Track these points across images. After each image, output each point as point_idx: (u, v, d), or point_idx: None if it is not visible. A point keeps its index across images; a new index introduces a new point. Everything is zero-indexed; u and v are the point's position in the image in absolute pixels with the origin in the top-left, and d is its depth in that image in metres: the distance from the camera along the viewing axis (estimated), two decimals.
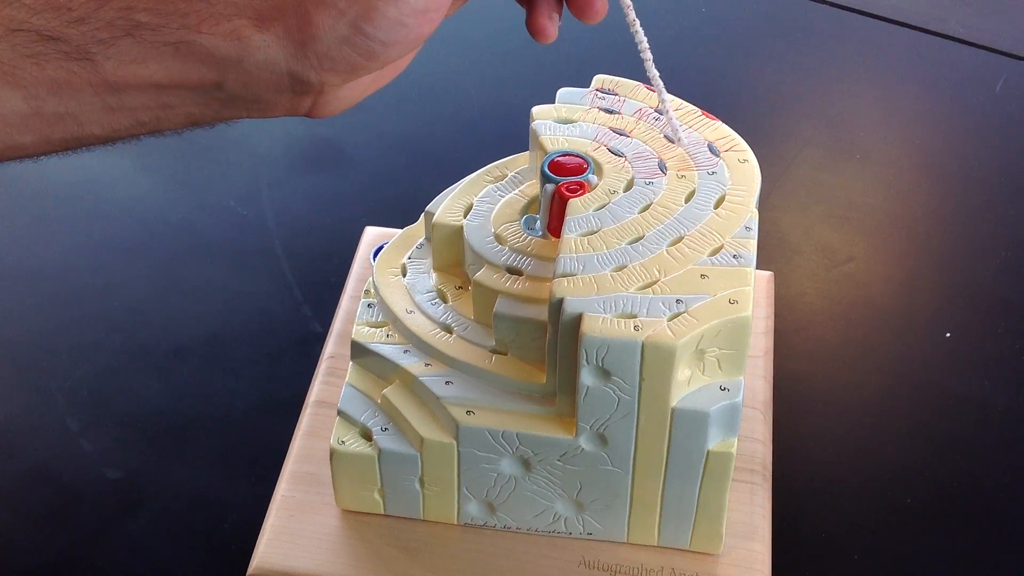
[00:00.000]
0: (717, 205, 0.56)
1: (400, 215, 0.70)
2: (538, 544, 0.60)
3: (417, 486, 0.59)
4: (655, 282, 0.53)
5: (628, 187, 0.58)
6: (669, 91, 0.62)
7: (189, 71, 0.44)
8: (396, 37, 0.45)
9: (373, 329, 0.60)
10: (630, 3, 0.53)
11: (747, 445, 0.64)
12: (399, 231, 0.64)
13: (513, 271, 0.57)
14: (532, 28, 0.51)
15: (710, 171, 0.58)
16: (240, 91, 0.45)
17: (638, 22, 0.53)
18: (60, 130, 0.45)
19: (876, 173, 0.87)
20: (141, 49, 0.44)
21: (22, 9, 0.43)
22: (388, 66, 0.47)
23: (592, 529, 0.60)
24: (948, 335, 0.76)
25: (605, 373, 0.52)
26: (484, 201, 0.60)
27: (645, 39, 0.54)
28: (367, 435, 0.58)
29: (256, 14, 0.44)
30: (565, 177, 0.57)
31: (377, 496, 0.60)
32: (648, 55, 0.55)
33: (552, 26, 0.51)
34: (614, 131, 0.60)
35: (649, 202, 0.57)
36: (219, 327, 0.76)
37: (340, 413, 0.59)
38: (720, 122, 0.60)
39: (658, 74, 0.55)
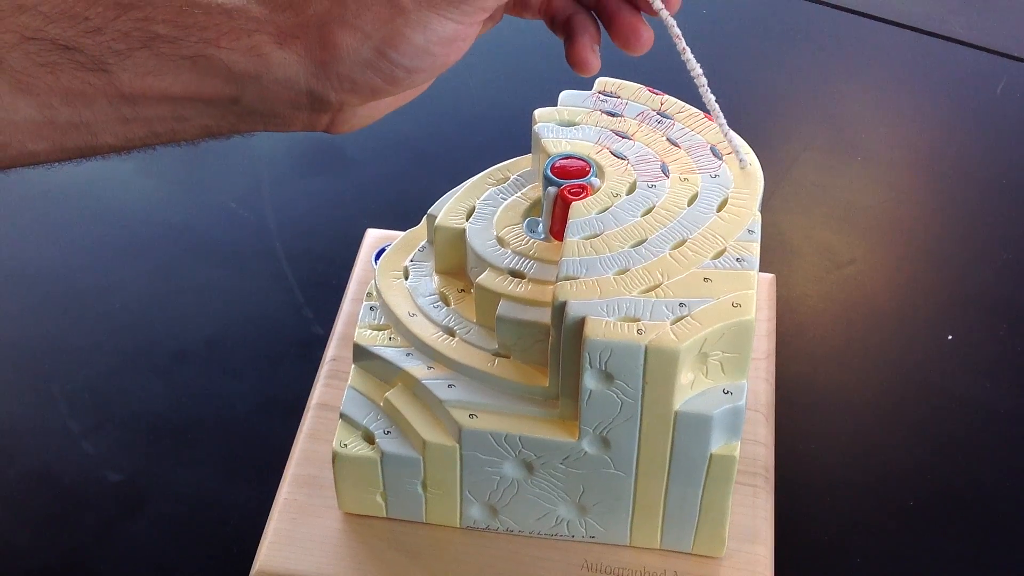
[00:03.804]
0: (720, 208, 0.56)
1: (402, 217, 0.70)
2: (540, 547, 0.60)
3: (419, 489, 0.59)
4: (658, 285, 0.53)
5: (631, 190, 0.57)
6: (671, 94, 0.62)
7: (206, 85, 0.44)
8: (421, 64, 0.44)
9: (375, 332, 0.60)
10: (679, 32, 0.51)
11: (749, 448, 0.64)
12: (401, 234, 0.64)
13: (516, 274, 0.57)
14: (574, 61, 0.50)
15: (712, 174, 0.58)
16: (257, 106, 0.45)
17: (689, 50, 0.52)
18: (74, 139, 0.44)
19: (877, 175, 0.87)
20: (158, 61, 0.43)
21: (38, 17, 0.43)
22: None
23: (595, 532, 0.60)
24: (950, 337, 0.75)
25: (608, 376, 0.52)
26: (486, 204, 0.60)
27: (698, 66, 0.53)
28: (369, 438, 0.58)
29: (277, 30, 0.43)
30: (567, 180, 0.57)
31: (379, 499, 0.60)
32: (703, 80, 0.53)
33: (595, 58, 0.50)
34: (616, 134, 0.60)
35: (652, 205, 0.57)
36: (220, 329, 0.75)
37: (342, 416, 0.59)
38: None
39: (714, 98, 0.54)
